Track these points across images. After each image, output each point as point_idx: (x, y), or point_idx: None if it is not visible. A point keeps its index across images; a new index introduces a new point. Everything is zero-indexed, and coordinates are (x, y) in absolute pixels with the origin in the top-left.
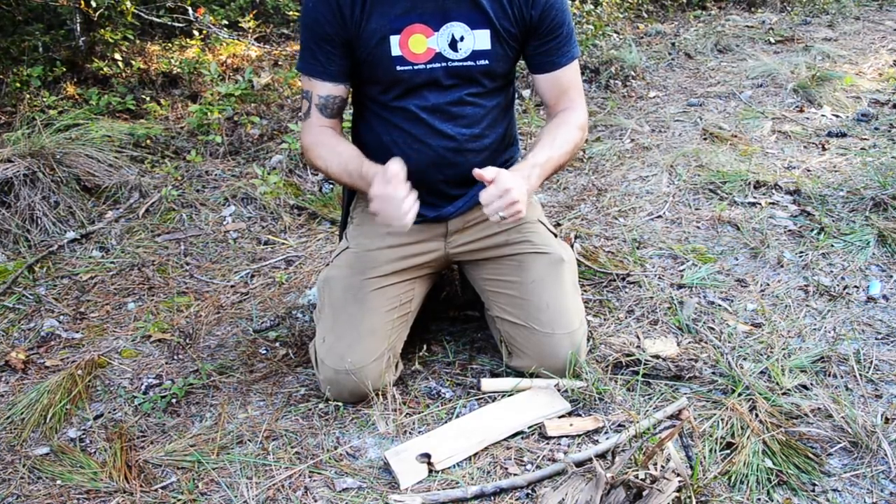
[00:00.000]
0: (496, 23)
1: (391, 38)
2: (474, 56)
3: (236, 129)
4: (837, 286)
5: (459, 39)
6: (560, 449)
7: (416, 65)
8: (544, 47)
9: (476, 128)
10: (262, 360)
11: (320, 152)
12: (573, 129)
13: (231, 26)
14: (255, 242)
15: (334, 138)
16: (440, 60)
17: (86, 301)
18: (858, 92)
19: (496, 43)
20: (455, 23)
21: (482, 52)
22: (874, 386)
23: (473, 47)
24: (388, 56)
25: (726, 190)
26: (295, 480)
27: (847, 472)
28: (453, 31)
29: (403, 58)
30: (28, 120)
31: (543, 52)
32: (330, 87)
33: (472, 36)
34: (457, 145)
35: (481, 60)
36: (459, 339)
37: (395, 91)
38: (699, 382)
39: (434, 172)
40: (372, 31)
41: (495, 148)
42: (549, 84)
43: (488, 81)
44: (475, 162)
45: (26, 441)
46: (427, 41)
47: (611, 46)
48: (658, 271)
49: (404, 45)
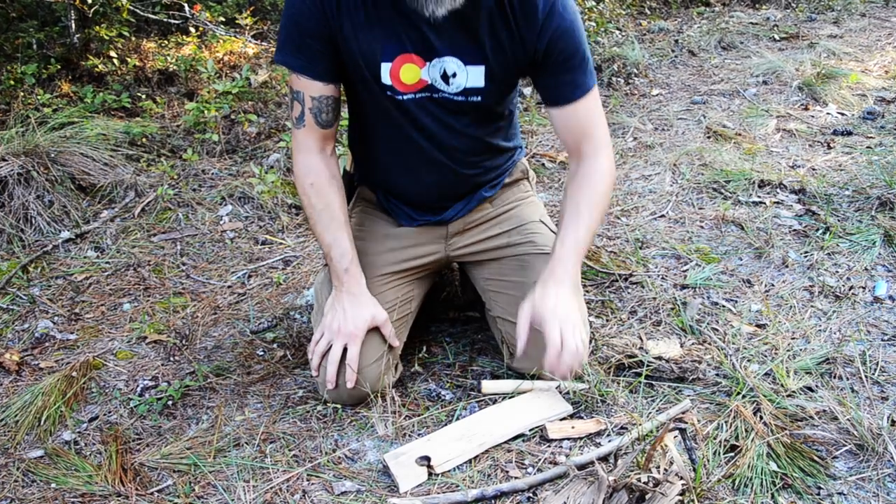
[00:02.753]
0: (492, 59)
1: (381, 65)
2: (466, 93)
3: (233, 127)
4: (843, 286)
5: (452, 75)
6: (562, 452)
7: (405, 94)
8: (554, 80)
9: (474, 156)
10: (260, 362)
11: (314, 199)
12: (598, 186)
13: (228, 23)
14: (252, 242)
15: (331, 187)
16: (430, 91)
17: (80, 302)
18: (864, 89)
19: (490, 81)
20: (448, 57)
21: (475, 89)
22: (880, 388)
23: (466, 84)
24: (378, 82)
25: (730, 189)
26: (293, 484)
27: (853, 476)
28: (445, 67)
29: (393, 87)
30: (22, 118)
31: (554, 84)
32: (321, 86)
33: (466, 72)
34: (454, 174)
35: (473, 97)
36: (459, 341)
37: (387, 116)
38: (703, 384)
39: (432, 192)
40: (360, 50)
41: (494, 158)
42: (564, 120)
43: (482, 114)
44: (475, 181)
45: (20, 444)
46: (420, 71)
47: (613, 43)
48: (661, 271)
49: (395, 74)
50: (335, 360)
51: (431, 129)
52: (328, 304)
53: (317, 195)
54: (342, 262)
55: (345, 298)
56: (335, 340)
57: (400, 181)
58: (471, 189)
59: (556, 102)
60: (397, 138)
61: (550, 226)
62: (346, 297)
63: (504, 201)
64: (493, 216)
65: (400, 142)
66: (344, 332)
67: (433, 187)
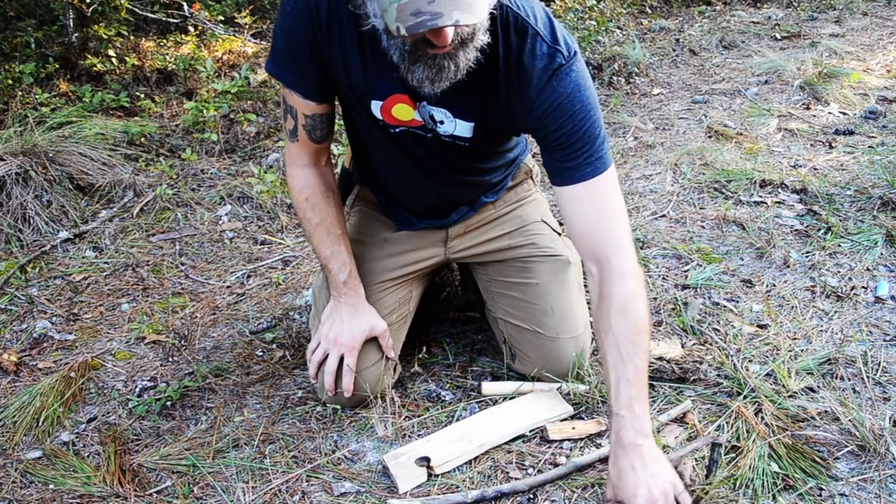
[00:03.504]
0: (481, 120)
1: (372, 102)
2: (453, 138)
3: (232, 126)
4: (845, 287)
5: (439, 122)
6: (562, 453)
7: (399, 128)
8: (551, 156)
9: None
10: (259, 363)
11: (310, 214)
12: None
13: (227, 22)
14: (251, 242)
15: (326, 200)
16: (423, 130)
17: (79, 302)
18: (866, 89)
19: (478, 136)
20: (436, 108)
21: (462, 138)
22: (882, 388)
23: (454, 132)
24: (370, 116)
25: (731, 189)
26: (292, 485)
27: (854, 477)
28: (432, 113)
29: (385, 122)
30: (20, 117)
31: (551, 161)
32: (314, 105)
33: (454, 123)
34: (453, 200)
35: (461, 143)
36: (460, 341)
37: (382, 143)
38: (704, 385)
39: (433, 210)
40: (349, 84)
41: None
42: (570, 205)
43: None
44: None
45: (18, 444)
46: (413, 112)
47: (614, 42)
48: (662, 272)
49: (387, 112)
50: (332, 371)
51: (425, 159)
52: (326, 312)
53: (312, 210)
54: (340, 274)
55: (343, 309)
56: (332, 350)
57: (398, 191)
58: (472, 197)
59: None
60: (393, 158)
61: (553, 225)
62: (345, 308)
63: (506, 202)
64: (495, 217)
65: (396, 161)
66: (340, 343)
67: (432, 199)
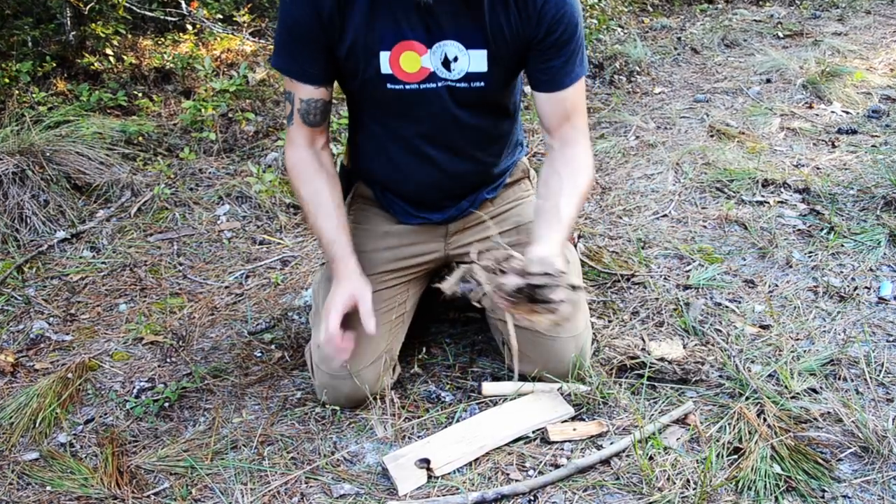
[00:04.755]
0: (493, 43)
1: (381, 53)
2: (468, 78)
3: (231, 125)
4: (848, 287)
5: (453, 59)
6: (563, 454)
7: (408, 84)
8: (547, 64)
9: (475, 153)
10: (257, 363)
11: (301, 188)
12: (580, 180)
13: (225, 20)
14: (250, 242)
15: (318, 176)
16: (434, 80)
17: (76, 302)
18: (869, 88)
19: (493, 65)
20: (448, 41)
21: (477, 74)
22: (885, 389)
23: (468, 69)
24: (378, 73)
25: (734, 188)
26: (291, 487)
27: (857, 478)
28: (446, 51)
29: (394, 76)
30: (17, 116)
31: (545, 69)
32: (311, 89)
33: (468, 56)
34: (456, 175)
35: (476, 83)
36: (460, 342)
37: (387, 110)
38: (706, 386)
39: (433, 193)
40: (359, 44)
41: (497, 163)
42: (550, 105)
43: (484, 103)
44: (476, 181)
45: (15, 446)
46: (420, 59)
47: (615, 41)
48: (664, 272)
49: (395, 62)
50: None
51: (431, 122)
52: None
53: (304, 185)
54: (330, 249)
55: (332, 282)
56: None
57: (397, 177)
58: (469, 189)
59: (544, 88)
60: (394, 135)
61: None
62: (334, 283)
63: (504, 200)
64: (494, 215)
65: (396, 138)
66: (325, 309)
67: (430, 187)
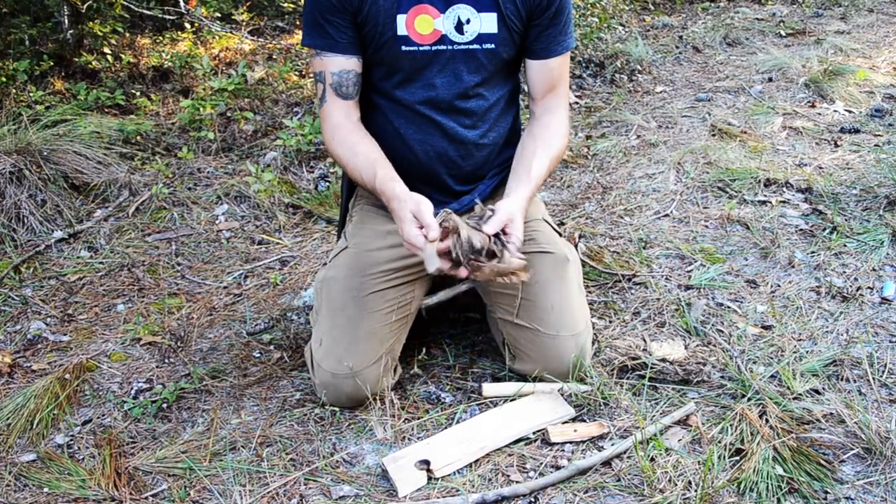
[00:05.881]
0: (503, 7)
1: (398, 17)
2: (480, 39)
3: (229, 124)
4: (850, 287)
5: (466, 22)
6: (564, 455)
7: (421, 46)
8: (543, 33)
9: (481, 124)
10: (256, 364)
11: (339, 151)
12: (554, 144)
13: (224, 19)
14: (248, 242)
15: (353, 134)
16: (445, 43)
17: (73, 303)
18: (872, 86)
19: (502, 26)
20: (462, 5)
21: (488, 35)
22: (888, 390)
23: (479, 30)
24: (394, 35)
25: (735, 188)
26: (290, 488)
27: (860, 480)
28: (459, 14)
29: (409, 38)
30: (14, 115)
31: (540, 37)
32: (342, 60)
33: (479, 19)
34: (461, 143)
35: (487, 44)
36: (460, 342)
37: (398, 76)
38: (707, 387)
39: (439, 167)
40: (378, 7)
41: (501, 144)
42: (540, 72)
43: (493, 67)
44: (480, 158)
45: (12, 447)
46: (434, 22)
47: (616, 39)
48: (665, 272)
49: (410, 24)
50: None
51: (439, 86)
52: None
53: (346, 151)
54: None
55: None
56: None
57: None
58: (472, 166)
59: (539, 55)
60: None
61: (553, 224)
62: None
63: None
64: None
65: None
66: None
67: (436, 158)
